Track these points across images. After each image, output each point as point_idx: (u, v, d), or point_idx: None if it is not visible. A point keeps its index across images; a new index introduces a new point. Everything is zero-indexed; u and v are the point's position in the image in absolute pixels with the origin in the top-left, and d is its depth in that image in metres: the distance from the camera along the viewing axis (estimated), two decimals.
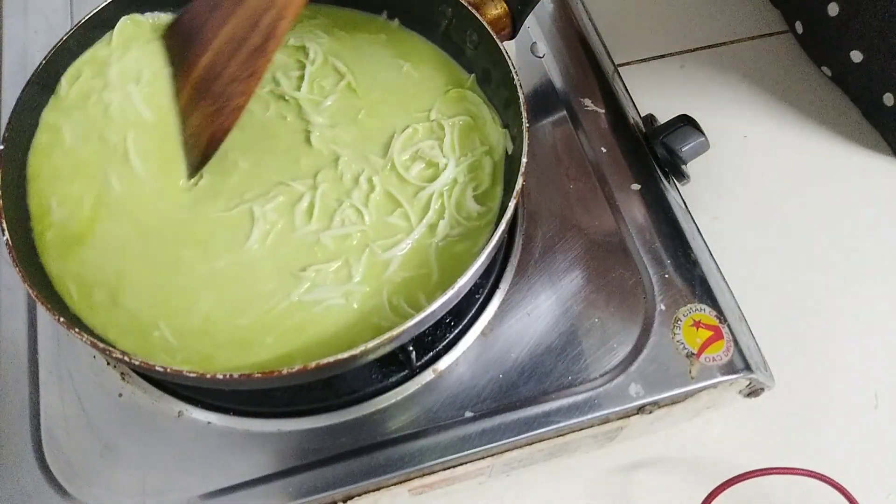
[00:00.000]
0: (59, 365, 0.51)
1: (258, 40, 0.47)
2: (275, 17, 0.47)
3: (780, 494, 0.57)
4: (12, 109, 0.48)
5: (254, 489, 0.47)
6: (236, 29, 0.48)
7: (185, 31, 0.52)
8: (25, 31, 0.66)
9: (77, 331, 0.41)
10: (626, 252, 0.55)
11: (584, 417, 0.50)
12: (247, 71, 0.48)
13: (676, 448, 0.59)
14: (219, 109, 0.48)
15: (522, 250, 0.55)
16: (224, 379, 0.40)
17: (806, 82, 0.78)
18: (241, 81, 0.48)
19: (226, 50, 0.49)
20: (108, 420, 0.49)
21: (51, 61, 0.51)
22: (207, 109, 0.49)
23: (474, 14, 0.52)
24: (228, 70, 0.48)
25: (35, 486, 0.47)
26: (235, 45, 0.48)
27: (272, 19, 0.47)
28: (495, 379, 0.51)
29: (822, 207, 0.71)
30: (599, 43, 0.68)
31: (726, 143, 0.73)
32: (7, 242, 0.44)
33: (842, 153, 0.74)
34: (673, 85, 0.78)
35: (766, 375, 0.53)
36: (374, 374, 0.51)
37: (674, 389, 0.51)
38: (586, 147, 0.60)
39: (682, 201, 0.59)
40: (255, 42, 0.47)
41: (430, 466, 0.49)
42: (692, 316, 0.53)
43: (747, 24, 0.82)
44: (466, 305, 0.53)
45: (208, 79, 0.49)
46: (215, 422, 0.49)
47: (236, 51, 0.48)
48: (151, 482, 0.47)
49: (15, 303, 0.53)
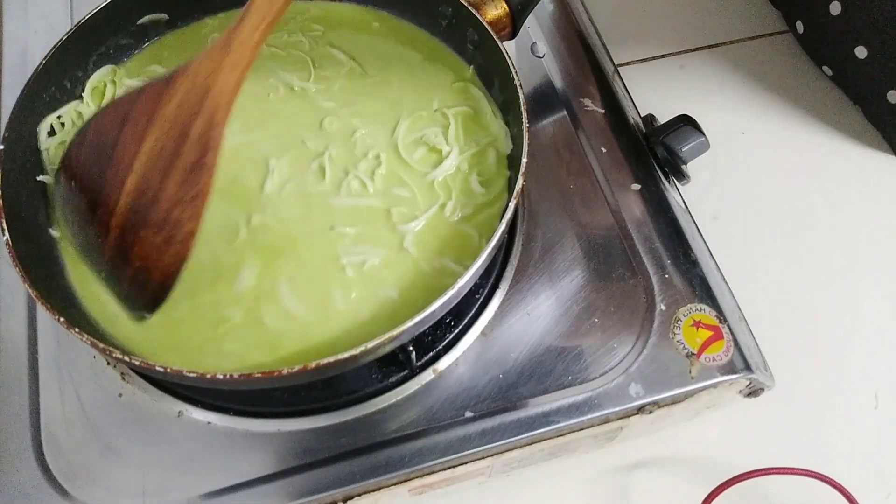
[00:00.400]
0: (59, 365, 0.51)
1: (194, 156, 0.42)
2: (206, 124, 0.42)
3: (780, 494, 0.57)
4: (12, 109, 0.48)
5: (254, 489, 0.47)
6: (161, 144, 0.42)
7: (93, 153, 0.45)
8: (25, 31, 0.66)
9: (77, 331, 0.41)
10: (626, 252, 0.55)
11: (584, 417, 0.50)
12: (190, 192, 0.42)
13: (676, 448, 0.59)
14: (168, 239, 0.43)
15: (522, 250, 0.55)
16: (224, 379, 0.40)
17: (806, 82, 0.78)
18: (187, 204, 0.42)
19: (154, 169, 0.42)
20: (108, 420, 0.49)
21: (50, 61, 0.51)
22: (153, 240, 0.43)
23: (474, 14, 0.52)
24: (165, 193, 0.42)
25: (35, 486, 0.47)
26: (166, 163, 0.42)
27: (203, 128, 0.42)
28: (495, 379, 0.51)
29: (822, 207, 0.71)
30: (599, 43, 0.68)
31: (726, 143, 0.73)
32: (7, 242, 0.44)
33: (842, 153, 0.74)
34: (673, 85, 0.78)
35: (766, 375, 0.53)
36: (374, 374, 0.51)
37: (674, 389, 0.51)
38: (586, 147, 0.60)
39: (682, 201, 0.59)
40: (190, 158, 0.42)
41: (430, 466, 0.49)
42: (692, 316, 0.53)
43: (747, 24, 0.82)
44: (466, 305, 0.53)
45: (141, 206, 0.43)
46: (215, 422, 0.49)
47: (168, 169, 0.42)
48: (151, 482, 0.47)
49: (15, 303, 0.53)
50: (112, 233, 0.44)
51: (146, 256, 0.43)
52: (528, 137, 0.47)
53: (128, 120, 0.43)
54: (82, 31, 0.53)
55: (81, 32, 0.53)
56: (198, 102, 0.42)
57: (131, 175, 0.43)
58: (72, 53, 0.53)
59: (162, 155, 0.42)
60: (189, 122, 0.42)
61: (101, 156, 0.44)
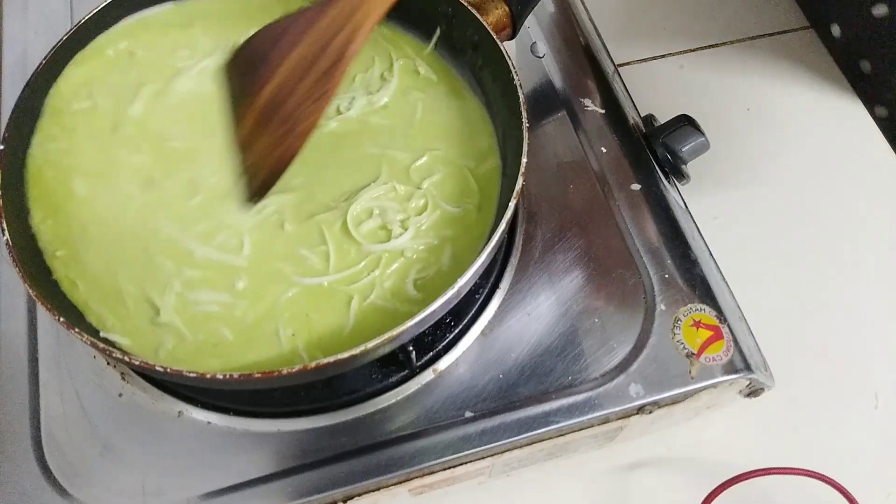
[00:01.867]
0: (59, 365, 0.51)
1: (327, 63, 0.47)
2: (347, 36, 0.46)
3: (780, 494, 0.57)
4: (12, 109, 0.48)
5: (254, 489, 0.47)
6: (305, 52, 0.48)
7: (249, 59, 0.51)
8: (25, 31, 0.66)
9: (77, 331, 0.41)
10: (626, 252, 0.55)
11: (584, 417, 0.50)
12: (316, 93, 0.47)
13: (676, 448, 0.59)
14: (286, 132, 0.48)
15: (522, 250, 0.55)
16: (224, 379, 0.40)
17: (805, 82, 0.78)
18: (311, 103, 0.47)
19: (294, 74, 0.48)
20: (108, 420, 0.49)
21: (51, 61, 0.51)
22: (274, 134, 0.49)
23: (474, 14, 0.52)
24: (297, 94, 0.48)
25: (35, 486, 0.47)
26: (304, 69, 0.48)
27: (344, 39, 0.46)
28: (495, 379, 0.51)
29: (822, 207, 0.71)
30: (599, 43, 0.68)
31: (726, 143, 0.73)
32: (7, 242, 0.44)
33: (842, 152, 0.74)
34: (673, 85, 0.78)
35: (766, 375, 0.53)
36: (374, 374, 0.51)
37: (674, 389, 0.51)
38: (586, 147, 0.60)
39: (682, 201, 0.59)
40: (323, 65, 0.47)
41: (430, 466, 0.49)
42: (692, 316, 0.53)
43: (747, 25, 0.82)
44: (466, 305, 0.53)
45: (274, 104, 0.49)
46: (215, 422, 0.49)
47: (305, 74, 0.48)
48: (151, 482, 0.47)
49: (15, 303, 0.53)
50: (247, 122, 0.50)
51: (263, 152, 0.49)
52: (528, 137, 0.47)
53: (286, 32, 0.49)
54: (82, 31, 0.53)
55: (81, 32, 0.53)
56: (347, 17, 0.47)
57: (275, 79, 0.49)
58: (72, 53, 0.53)
59: (303, 61, 0.48)
60: (334, 34, 0.47)
61: (257, 62, 0.50)
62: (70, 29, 0.52)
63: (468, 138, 0.54)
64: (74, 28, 0.52)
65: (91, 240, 0.49)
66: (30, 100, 0.50)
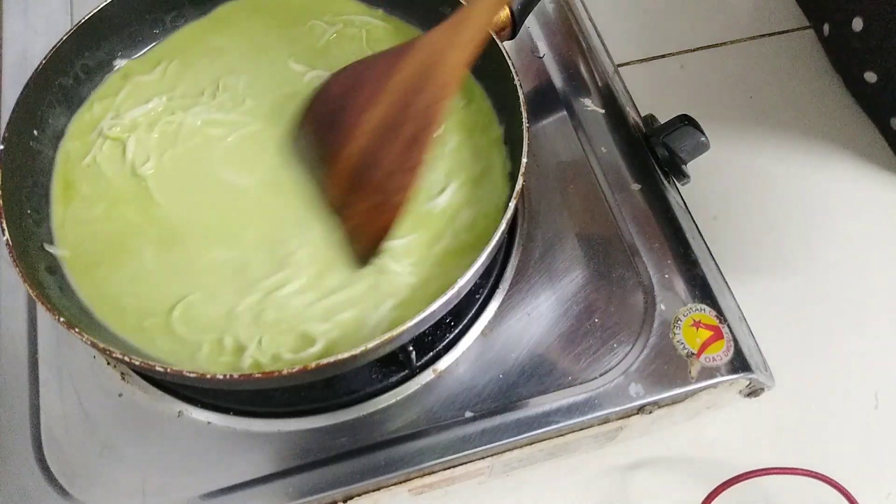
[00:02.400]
0: (59, 365, 0.51)
1: (414, 128, 0.43)
2: (431, 98, 0.42)
3: (780, 494, 0.57)
4: (12, 109, 0.48)
5: (254, 489, 0.47)
6: (385, 112, 0.44)
7: (324, 111, 0.47)
8: (25, 31, 0.67)
9: (77, 331, 0.41)
10: (626, 252, 0.55)
11: (584, 417, 0.50)
12: (405, 164, 0.43)
13: (676, 448, 0.59)
14: (379, 205, 0.44)
15: (522, 250, 0.55)
16: (224, 379, 0.40)
17: (806, 81, 0.78)
18: (400, 175, 0.43)
19: (376, 136, 0.44)
20: (108, 420, 0.49)
21: (50, 62, 0.51)
22: (367, 202, 0.45)
23: None
24: (385, 161, 0.44)
25: (35, 486, 0.47)
26: (387, 131, 0.44)
27: (428, 101, 0.42)
28: (495, 379, 0.51)
29: (822, 207, 0.71)
30: (599, 43, 0.68)
31: (726, 143, 0.73)
32: (7, 242, 0.44)
33: (842, 152, 0.74)
34: (673, 85, 0.78)
35: (766, 375, 0.53)
36: (375, 374, 0.51)
37: (674, 389, 0.51)
38: (586, 147, 0.60)
39: (682, 201, 0.59)
40: (410, 130, 0.43)
41: (430, 466, 0.49)
42: (692, 316, 0.53)
43: (747, 25, 0.82)
44: (466, 305, 0.53)
45: (361, 169, 0.45)
46: (215, 422, 0.49)
47: (389, 138, 0.43)
48: (151, 482, 0.47)
49: (15, 303, 0.53)
50: (334, 189, 0.47)
51: (362, 218, 0.45)
52: (528, 137, 0.47)
53: (358, 85, 0.45)
54: (82, 30, 0.53)
55: (81, 32, 0.53)
56: (426, 76, 0.43)
57: (356, 138, 0.44)
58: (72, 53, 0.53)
59: (384, 122, 0.44)
60: (415, 94, 0.43)
61: (333, 116, 0.46)
62: (70, 29, 0.52)
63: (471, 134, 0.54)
64: (75, 28, 0.52)
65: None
66: (30, 100, 0.50)
